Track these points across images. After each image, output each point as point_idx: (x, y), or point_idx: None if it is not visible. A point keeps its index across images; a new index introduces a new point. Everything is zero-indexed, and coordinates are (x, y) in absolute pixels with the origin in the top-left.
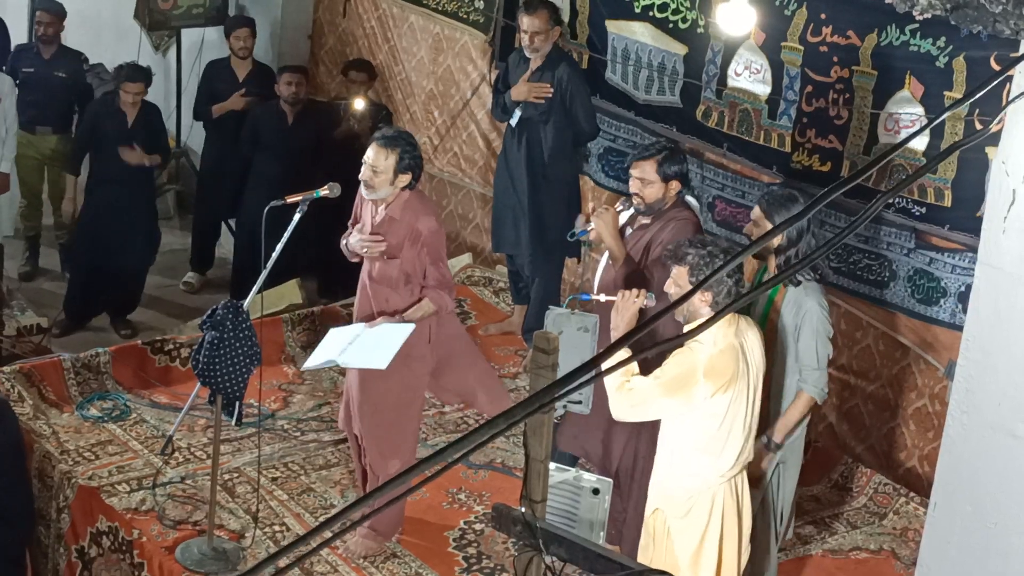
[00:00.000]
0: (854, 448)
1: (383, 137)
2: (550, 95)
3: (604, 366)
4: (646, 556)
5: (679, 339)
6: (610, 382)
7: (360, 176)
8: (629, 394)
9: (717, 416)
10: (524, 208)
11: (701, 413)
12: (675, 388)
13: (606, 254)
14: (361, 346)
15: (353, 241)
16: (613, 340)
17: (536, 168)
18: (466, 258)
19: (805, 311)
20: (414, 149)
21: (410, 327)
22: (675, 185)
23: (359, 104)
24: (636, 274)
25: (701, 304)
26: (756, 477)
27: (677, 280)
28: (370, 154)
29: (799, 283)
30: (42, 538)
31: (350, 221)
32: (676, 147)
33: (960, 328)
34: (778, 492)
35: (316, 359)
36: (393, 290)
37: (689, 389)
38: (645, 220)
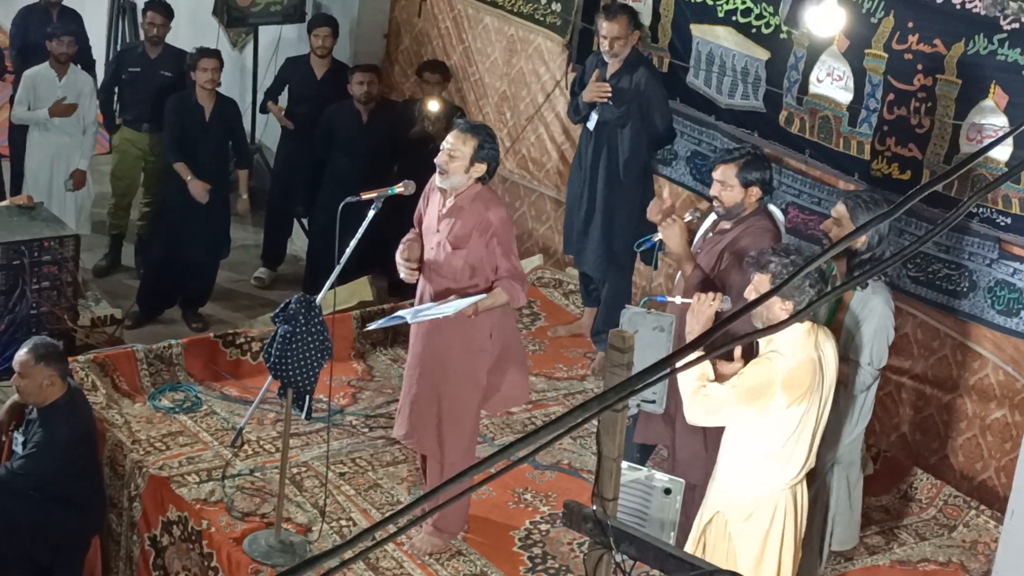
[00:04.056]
0: (928, 459)
1: (465, 123)
2: (609, 94)
3: (678, 365)
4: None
5: (757, 334)
6: (685, 387)
7: (436, 160)
8: (705, 400)
9: (789, 427)
10: (596, 211)
11: (774, 423)
12: (751, 397)
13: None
14: (429, 310)
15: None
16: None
17: (612, 171)
18: (537, 259)
19: (870, 309)
20: (493, 141)
21: (479, 297)
22: (755, 191)
23: (433, 105)
24: (709, 280)
25: (781, 312)
26: (810, 476)
27: (758, 287)
28: (449, 139)
29: (867, 285)
30: (114, 526)
31: (415, 217)
32: (760, 154)
33: None
34: (832, 494)
35: (384, 321)
36: (456, 283)
37: (766, 400)
38: (725, 225)
